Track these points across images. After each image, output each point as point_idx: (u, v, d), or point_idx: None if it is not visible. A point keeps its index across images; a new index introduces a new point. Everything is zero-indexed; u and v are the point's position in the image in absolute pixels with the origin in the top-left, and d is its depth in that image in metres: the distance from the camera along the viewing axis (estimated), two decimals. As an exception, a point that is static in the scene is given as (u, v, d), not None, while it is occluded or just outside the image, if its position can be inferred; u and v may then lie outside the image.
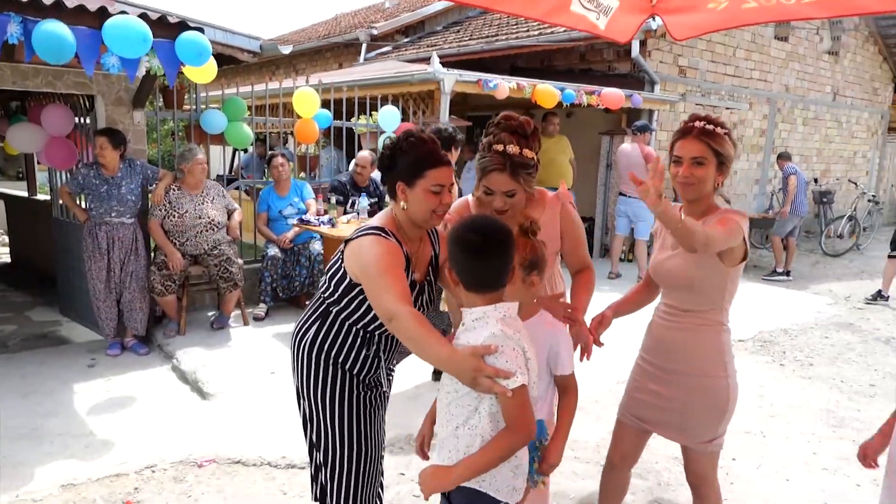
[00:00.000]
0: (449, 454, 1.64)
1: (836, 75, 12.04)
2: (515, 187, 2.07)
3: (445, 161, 1.94)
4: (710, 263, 2.04)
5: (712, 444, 2.18)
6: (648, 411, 2.25)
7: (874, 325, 6.17)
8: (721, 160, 2.04)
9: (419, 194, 1.91)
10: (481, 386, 1.51)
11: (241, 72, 14.88)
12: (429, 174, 1.90)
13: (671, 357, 2.17)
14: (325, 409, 2.07)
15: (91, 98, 4.94)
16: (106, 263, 4.58)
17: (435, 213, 1.94)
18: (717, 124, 2.04)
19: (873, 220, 11.67)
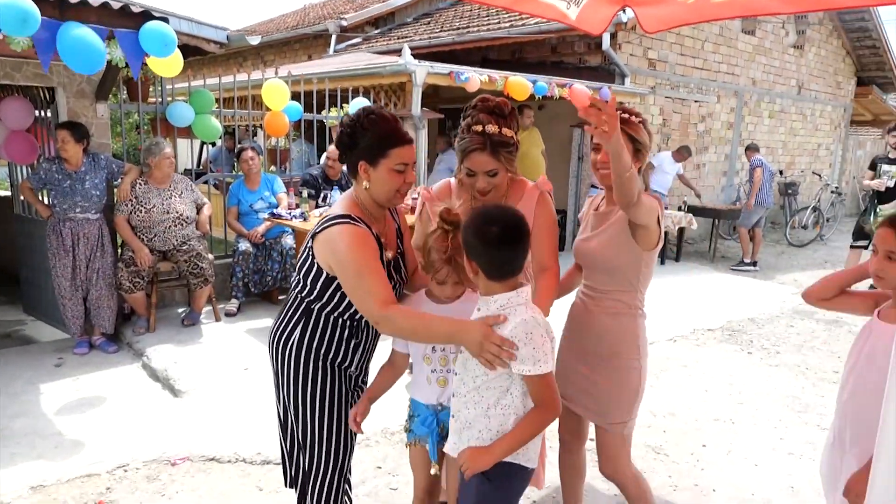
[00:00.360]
0: (479, 433, 1.75)
1: (801, 69, 12.30)
2: (497, 166, 2.10)
3: (408, 139, 1.91)
4: (628, 246, 2.12)
5: (625, 426, 2.25)
6: (570, 388, 2.30)
7: (837, 313, 6.33)
8: (637, 147, 2.12)
9: (383, 174, 1.88)
10: (487, 353, 1.63)
11: (208, 63, 14.62)
12: (392, 153, 1.87)
13: (589, 338, 2.24)
14: (313, 410, 2.02)
15: (52, 90, 4.80)
16: (71, 261, 4.47)
17: (399, 192, 1.93)
18: (631, 113, 2.13)
19: (836, 211, 11.99)
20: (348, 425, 2.07)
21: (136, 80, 5.08)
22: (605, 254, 2.17)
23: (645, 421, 3.71)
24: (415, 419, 2.08)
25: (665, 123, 9.87)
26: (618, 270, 2.17)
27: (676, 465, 3.23)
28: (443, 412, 2.01)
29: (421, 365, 2.02)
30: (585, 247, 2.26)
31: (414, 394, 2.08)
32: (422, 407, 2.05)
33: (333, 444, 2.06)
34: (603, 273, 2.20)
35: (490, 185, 2.14)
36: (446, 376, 1.99)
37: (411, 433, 2.10)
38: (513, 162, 2.17)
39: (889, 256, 1.86)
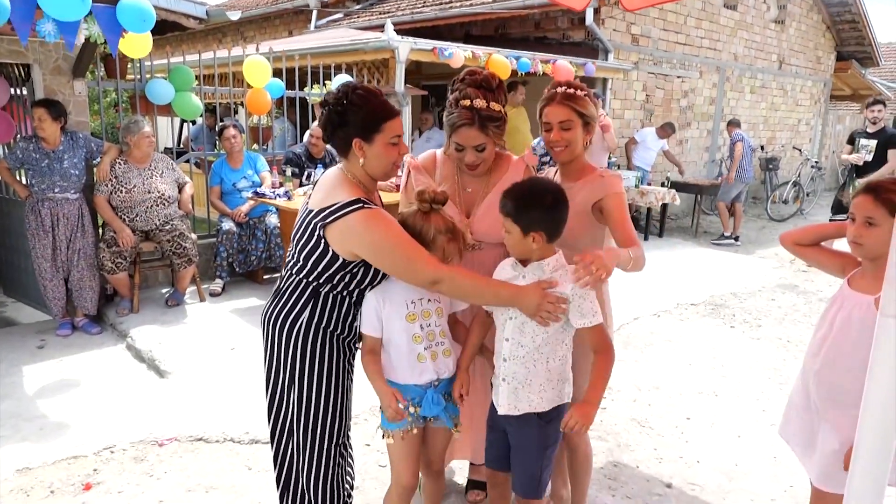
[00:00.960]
0: (540, 387, 1.97)
1: (782, 44, 12.33)
2: (485, 141, 2.11)
3: (397, 111, 1.92)
4: (589, 221, 2.17)
5: None
6: None
7: (817, 286, 6.45)
8: (586, 120, 2.15)
9: (379, 149, 1.89)
10: (545, 312, 1.83)
11: (188, 39, 14.33)
12: (386, 127, 1.88)
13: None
14: (319, 388, 2.01)
15: (27, 67, 4.68)
16: (51, 241, 4.39)
17: (395, 164, 1.95)
18: (577, 87, 2.15)
19: (816, 186, 12.12)
20: (347, 401, 2.11)
21: (113, 57, 4.97)
22: (569, 231, 2.08)
23: (630, 395, 3.77)
24: (417, 405, 2.03)
25: (648, 99, 9.88)
26: (580, 244, 2.12)
27: (661, 437, 3.29)
28: (440, 385, 2.05)
29: (410, 346, 2.00)
30: None
31: (408, 380, 2.03)
32: (419, 390, 2.03)
33: (338, 420, 2.07)
34: (568, 248, 2.13)
35: (478, 160, 2.15)
36: (436, 349, 2.02)
37: (404, 422, 2.03)
38: (501, 136, 2.17)
39: (868, 222, 1.86)
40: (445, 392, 2.07)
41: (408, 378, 2.03)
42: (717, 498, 2.77)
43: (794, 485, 2.88)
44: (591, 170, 2.22)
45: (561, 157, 2.20)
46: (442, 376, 2.05)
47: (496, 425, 2.10)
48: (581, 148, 2.18)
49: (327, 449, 2.08)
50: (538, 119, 2.23)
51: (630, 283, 5.99)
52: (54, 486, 2.78)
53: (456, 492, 2.75)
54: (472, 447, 2.54)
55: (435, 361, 2.03)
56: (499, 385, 2.01)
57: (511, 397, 1.98)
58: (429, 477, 2.26)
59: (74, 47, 4.27)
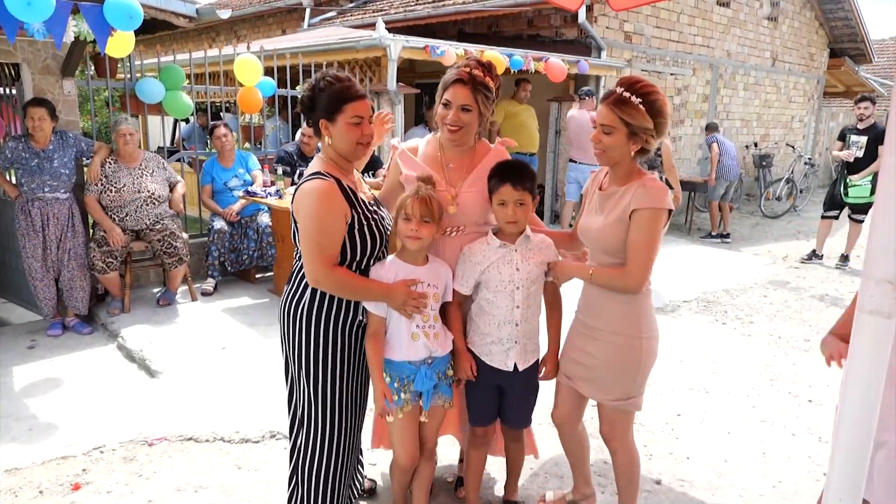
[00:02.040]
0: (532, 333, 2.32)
1: (776, 41, 12.35)
2: (472, 103, 2.16)
3: (361, 94, 2.06)
4: (626, 229, 2.08)
5: (627, 402, 2.23)
6: (574, 368, 2.32)
7: (809, 283, 6.47)
8: (632, 130, 2.04)
9: (341, 128, 2.04)
10: (408, 307, 2.07)
11: (179, 38, 14.27)
12: (347, 108, 2.02)
13: (595, 315, 2.24)
14: (325, 376, 2.11)
15: (16, 67, 4.65)
16: (41, 241, 4.38)
17: (360, 143, 2.08)
18: (634, 92, 2.02)
19: (809, 183, 12.15)
20: (359, 395, 2.21)
21: (103, 56, 4.95)
22: (607, 237, 2.13)
23: (621, 391, 3.77)
24: (411, 381, 2.17)
25: (642, 97, 9.87)
26: (621, 252, 2.11)
27: (652, 434, 3.30)
28: (433, 363, 2.20)
29: (406, 324, 2.13)
30: (588, 227, 2.22)
31: (403, 356, 2.16)
32: (412, 367, 2.17)
33: (341, 413, 2.15)
34: (606, 254, 2.17)
35: (460, 122, 2.17)
36: (429, 331, 2.16)
37: (400, 400, 2.17)
38: (489, 109, 2.21)
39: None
40: (439, 371, 2.22)
41: (403, 355, 2.16)
42: (706, 494, 2.78)
43: (782, 480, 2.89)
44: (640, 175, 2.12)
45: (599, 161, 2.18)
46: (435, 354, 2.19)
47: (487, 384, 2.30)
48: (622, 155, 2.10)
49: (330, 441, 2.15)
50: None
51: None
52: (43, 486, 2.77)
53: (444, 490, 2.75)
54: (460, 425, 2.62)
55: (429, 340, 2.16)
56: (510, 348, 2.25)
57: (522, 354, 2.27)
58: (422, 456, 2.33)
59: (63, 46, 4.24)
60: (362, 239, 2.07)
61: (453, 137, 2.23)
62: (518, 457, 2.57)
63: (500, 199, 2.15)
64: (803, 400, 3.74)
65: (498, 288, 2.21)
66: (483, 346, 2.28)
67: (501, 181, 2.14)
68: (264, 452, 3.04)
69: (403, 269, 2.15)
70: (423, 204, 2.06)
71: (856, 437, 1.17)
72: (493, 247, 2.21)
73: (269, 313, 4.87)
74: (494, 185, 2.17)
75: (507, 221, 2.17)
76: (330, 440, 2.16)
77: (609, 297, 2.18)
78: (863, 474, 1.17)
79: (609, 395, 2.24)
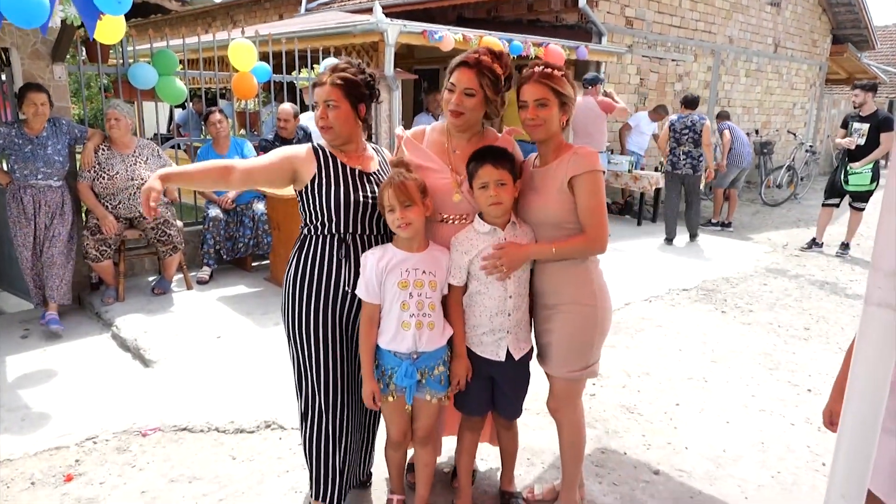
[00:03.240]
0: (524, 321, 2.29)
1: (778, 27, 12.24)
2: (475, 88, 2.14)
3: (319, 82, 2.21)
4: (567, 200, 2.15)
5: (585, 371, 2.28)
6: (542, 349, 2.34)
7: (809, 271, 6.44)
8: (563, 100, 2.17)
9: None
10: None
11: (174, 23, 14.12)
12: (315, 93, 2.21)
13: (553, 293, 2.26)
14: (308, 335, 2.21)
15: (6, 51, 4.58)
16: (32, 230, 4.32)
17: (320, 125, 2.19)
18: (554, 67, 2.17)
19: (810, 170, 12.09)
20: (348, 364, 2.26)
21: (93, 41, 4.86)
22: (550, 209, 2.18)
23: (619, 381, 3.74)
24: (394, 373, 2.16)
25: (642, 83, 9.80)
26: (566, 222, 2.17)
27: (650, 423, 3.27)
28: (419, 360, 2.16)
29: (397, 312, 2.12)
30: (528, 206, 2.26)
31: (388, 345, 2.16)
32: (396, 360, 2.16)
33: (326, 378, 2.22)
34: (553, 227, 2.20)
35: (463, 107, 2.16)
36: (422, 319, 2.13)
37: (386, 388, 2.19)
38: (493, 96, 2.18)
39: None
40: (425, 367, 2.17)
41: (388, 343, 2.15)
42: (704, 484, 2.76)
43: (781, 471, 2.87)
44: (567, 148, 2.21)
45: (536, 135, 2.20)
46: (420, 349, 2.15)
47: (479, 375, 2.27)
48: (557, 127, 2.19)
49: (313, 406, 2.25)
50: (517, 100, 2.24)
51: (621, 268, 5.99)
52: (35, 477, 2.74)
53: (441, 482, 2.73)
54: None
55: (419, 331, 2.13)
56: (502, 338, 2.23)
57: (515, 343, 2.25)
58: (416, 445, 2.33)
59: (50, 30, 4.16)
60: (328, 193, 2.16)
61: (457, 122, 2.20)
62: (510, 446, 2.54)
63: (481, 181, 2.11)
64: (803, 389, 3.71)
65: (490, 278, 2.18)
66: (474, 336, 2.25)
67: (480, 162, 2.11)
68: (259, 443, 3.02)
69: (397, 255, 2.13)
70: (398, 191, 2.05)
71: (861, 430, 1.14)
72: (481, 232, 2.17)
73: (265, 302, 4.84)
74: (473, 169, 2.13)
75: (490, 204, 2.12)
76: (319, 408, 2.25)
77: (563, 273, 2.22)
78: (868, 467, 1.14)
79: (569, 366, 2.26)
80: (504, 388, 2.33)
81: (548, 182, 2.19)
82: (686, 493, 2.69)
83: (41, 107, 4.19)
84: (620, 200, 9.03)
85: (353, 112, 2.19)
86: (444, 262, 2.20)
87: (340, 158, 2.23)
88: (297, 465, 2.81)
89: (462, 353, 2.25)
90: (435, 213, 2.21)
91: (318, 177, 2.18)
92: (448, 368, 2.25)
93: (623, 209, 8.99)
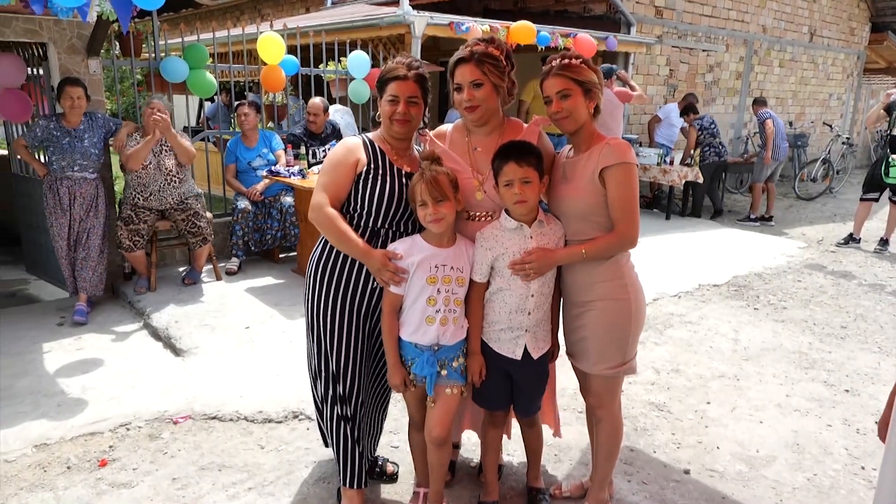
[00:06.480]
0: (545, 322, 2.26)
1: (814, 15, 11.92)
2: (480, 77, 2.12)
3: (401, 76, 2.17)
4: (599, 192, 2.12)
5: (623, 368, 2.24)
6: (573, 346, 2.32)
7: (846, 267, 6.28)
8: (586, 88, 2.13)
9: (383, 104, 2.23)
10: (382, 276, 2.12)
11: (204, 18, 14.28)
12: (387, 87, 2.20)
13: (584, 291, 2.22)
14: (325, 321, 2.26)
15: (43, 47, 4.67)
16: (68, 220, 4.41)
17: (392, 120, 2.19)
18: (570, 57, 2.15)
19: (847, 163, 11.78)
20: (365, 350, 2.30)
21: (127, 35, 4.94)
22: (580, 200, 2.15)
23: (648, 378, 3.69)
24: (414, 363, 2.18)
25: (672, 74, 9.63)
26: (595, 215, 2.14)
27: (680, 422, 3.22)
28: (440, 351, 2.17)
29: (422, 306, 2.13)
30: (558, 196, 2.23)
31: (410, 337, 2.17)
32: (416, 350, 2.17)
33: (337, 360, 2.25)
34: (582, 219, 2.17)
35: (475, 101, 2.13)
36: (448, 315, 2.14)
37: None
38: (502, 80, 2.15)
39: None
40: (445, 358, 2.19)
41: (411, 335, 2.17)
42: (736, 486, 2.70)
43: (817, 474, 2.80)
44: (600, 138, 2.17)
45: (566, 127, 2.17)
46: (442, 342, 2.17)
47: (496, 370, 2.26)
48: (585, 116, 2.15)
49: (334, 393, 2.29)
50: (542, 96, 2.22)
51: (650, 263, 5.89)
52: (71, 461, 2.80)
53: (468, 475, 2.72)
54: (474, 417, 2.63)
55: (444, 326, 2.14)
56: (519, 336, 2.20)
57: (534, 342, 2.22)
58: (430, 444, 2.28)
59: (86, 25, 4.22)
60: (372, 189, 2.17)
61: (474, 117, 2.18)
62: (534, 443, 2.52)
63: (505, 178, 2.08)
64: (840, 390, 3.62)
65: (513, 276, 2.15)
66: (492, 332, 2.24)
67: (504, 160, 2.07)
68: (287, 433, 3.04)
69: (425, 249, 2.13)
70: (431, 186, 2.04)
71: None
72: (507, 229, 2.14)
73: (292, 293, 4.87)
74: (498, 166, 2.10)
75: (515, 202, 2.09)
76: (339, 395, 2.28)
77: (594, 269, 2.18)
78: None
79: (606, 362, 2.23)
80: (521, 385, 2.31)
81: (578, 172, 2.16)
82: (717, 495, 2.64)
83: (77, 100, 4.26)
84: (648, 194, 8.90)
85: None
86: (472, 256, 2.19)
87: (389, 156, 2.24)
88: (325, 455, 2.83)
89: (476, 350, 2.24)
90: (461, 210, 2.20)
91: (367, 170, 2.19)
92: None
93: (651, 203, 8.86)
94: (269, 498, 2.56)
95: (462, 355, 2.23)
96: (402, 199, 2.20)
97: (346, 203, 2.23)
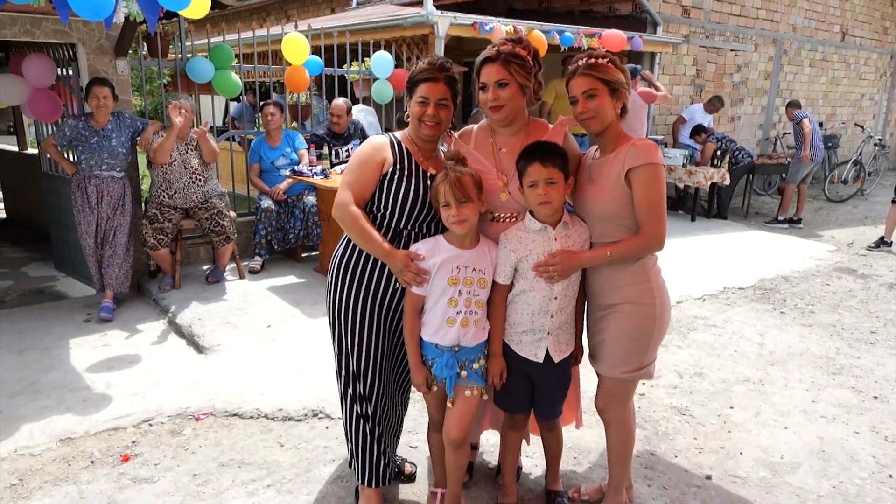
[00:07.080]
0: (569, 325, 2.25)
1: (846, 14, 11.66)
2: (506, 77, 2.11)
3: (432, 77, 2.15)
4: (626, 194, 2.09)
5: (640, 373, 2.22)
6: (595, 349, 2.30)
7: (877, 271, 6.13)
8: (613, 87, 2.10)
9: (412, 105, 2.21)
10: (405, 276, 2.12)
11: (230, 18, 14.45)
12: (416, 88, 2.18)
13: (609, 294, 2.20)
14: (346, 319, 2.26)
15: (73, 47, 4.76)
16: (95, 218, 4.49)
17: (422, 121, 2.17)
18: (597, 57, 2.12)
19: (879, 165, 11.50)
20: (386, 349, 2.30)
21: (154, 36, 5.01)
22: (606, 201, 2.13)
23: (670, 382, 3.64)
24: (434, 363, 2.19)
25: (699, 74, 9.50)
26: (620, 217, 2.11)
27: (702, 426, 3.17)
28: (460, 352, 2.17)
29: (443, 307, 2.12)
30: (584, 197, 2.21)
31: (431, 337, 2.17)
32: (437, 351, 2.18)
33: (358, 360, 2.25)
34: (608, 221, 2.14)
35: (500, 100, 2.12)
36: (469, 317, 2.13)
37: None
38: (528, 81, 2.13)
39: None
40: (465, 360, 2.18)
41: (431, 336, 2.17)
42: (759, 492, 2.65)
43: (843, 481, 2.73)
44: (627, 139, 2.14)
45: (592, 128, 2.14)
46: (463, 343, 2.16)
47: (519, 371, 2.24)
48: (612, 116, 2.12)
49: (354, 391, 2.29)
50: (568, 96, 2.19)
51: (675, 265, 5.81)
52: (94, 456, 2.85)
53: (487, 477, 2.71)
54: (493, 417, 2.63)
55: (465, 328, 2.14)
56: (541, 339, 2.19)
57: (556, 345, 2.21)
58: (448, 447, 2.27)
59: (114, 26, 4.29)
60: (397, 190, 2.16)
61: (499, 117, 2.17)
62: (554, 446, 2.51)
63: (530, 179, 2.06)
64: (868, 396, 3.53)
65: (537, 278, 2.13)
66: (514, 334, 2.22)
67: (529, 160, 2.06)
68: (306, 431, 3.06)
69: (447, 250, 2.12)
70: (454, 187, 2.03)
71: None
72: (532, 230, 2.13)
73: (314, 292, 4.90)
74: (523, 167, 2.08)
75: (539, 203, 2.07)
76: (360, 393, 2.28)
77: (619, 272, 2.16)
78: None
79: (623, 366, 2.21)
80: (542, 389, 2.29)
81: (604, 174, 2.13)
82: (740, 501, 2.59)
83: (104, 100, 4.34)
84: (673, 195, 8.79)
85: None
86: (495, 258, 2.18)
87: (416, 158, 2.24)
88: (343, 454, 2.84)
89: (497, 352, 2.23)
90: (486, 212, 2.19)
91: (392, 170, 2.19)
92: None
93: (675, 204, 8.75)
94: (288, 495, 2.57)
95: (483, 357, 2.22)
96: (426, 202, 2.20)
97: (370, 202, 2.22)
